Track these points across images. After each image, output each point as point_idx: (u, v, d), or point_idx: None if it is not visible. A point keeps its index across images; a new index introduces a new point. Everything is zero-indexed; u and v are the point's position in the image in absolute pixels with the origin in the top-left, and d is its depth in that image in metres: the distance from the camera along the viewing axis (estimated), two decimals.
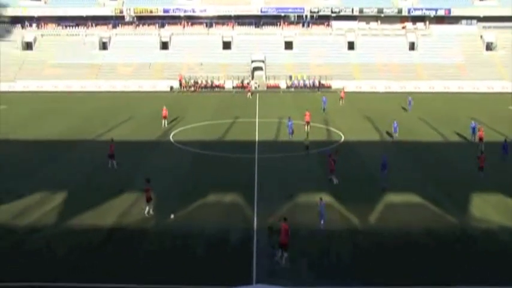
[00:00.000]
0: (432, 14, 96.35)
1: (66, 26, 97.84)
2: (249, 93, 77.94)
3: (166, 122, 54.76)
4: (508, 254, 24.96)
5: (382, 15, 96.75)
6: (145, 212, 29.61)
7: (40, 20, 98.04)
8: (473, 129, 48.27)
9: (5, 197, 32.33)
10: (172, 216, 29.45)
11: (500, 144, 42.33)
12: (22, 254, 24.89)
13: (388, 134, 50.14)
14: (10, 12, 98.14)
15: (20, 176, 37.07)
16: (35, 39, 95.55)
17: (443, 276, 22.72)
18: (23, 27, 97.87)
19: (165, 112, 55.32)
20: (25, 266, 23.63)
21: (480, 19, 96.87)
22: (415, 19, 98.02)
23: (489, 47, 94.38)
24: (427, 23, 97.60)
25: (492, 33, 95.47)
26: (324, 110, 63.00)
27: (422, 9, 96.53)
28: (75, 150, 44.82)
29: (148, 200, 29.67)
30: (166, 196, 32.21)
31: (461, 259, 24.43)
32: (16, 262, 24.05)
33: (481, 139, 45.13)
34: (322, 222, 27.76)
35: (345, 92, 72.66)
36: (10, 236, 26.98)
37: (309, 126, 51.09)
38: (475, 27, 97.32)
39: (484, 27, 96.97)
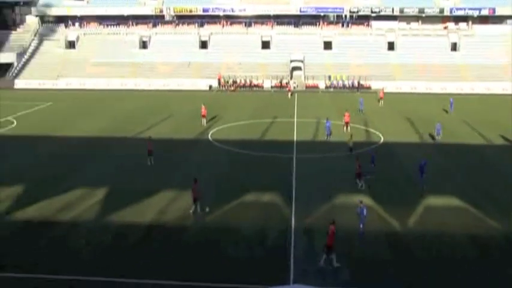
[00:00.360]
0: (475, 13, 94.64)
1: (107, 25, 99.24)
2: (289, 93, 77.70)
3: (205, 121, 55.13)
4: None
5: (423, 15, 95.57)
6: (191, 210, 29.69)
7: (82, 19, 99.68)
8: None
9: (50, 191, 32.93)
10: (207, 209, 29.76)
11: None
12: (63, 248, 25.34)
13: (431, 136, 49.34)
14: (54, 12, 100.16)
15: (64, 171, 37.76)
16: (77, 38, 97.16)
17: (483, 285, 22.35)
18: (66, 26, 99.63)
19: (204, 111, 55.67)
20: (66, 259, 24.05)
21: None
22: (458, 19, 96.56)
23: None
24: (470, 23, 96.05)
25: None
26: (361, 110, 62.46)
27: (465, 9, 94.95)
28: (116, 147, 45.41)
29: (195, 199, 29.76)
30: (204, 194, 32.29)
31: (503, 267, 23.98)
32: (57, 255, 24.50)
33: None
34: (361, 225, 27.47)
35: (384, 93, 71.74)
36: (53, 230, 27.47)
37: (348, 127, 50.76)
38: None
39: None
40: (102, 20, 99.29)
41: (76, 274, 22.64)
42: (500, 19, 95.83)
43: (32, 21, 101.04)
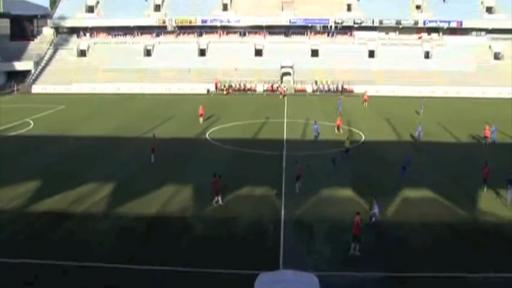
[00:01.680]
0: (445, 25, 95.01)
1: (115, 35, 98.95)
2: (281, 95, 78.40)
3: (202, 119, 55.64)
4: None
5: (400, 26, 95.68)
6: (214, 201, 29.63)
7: (93, 30, 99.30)
8: (494, 132, 47.40)
9: (64, 187, 32.72)
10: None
11: None
12: (75, 238, 25.22)
13: (412, 136, 48.98)
14: (68, 23, 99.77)
15: (76, 168, 37.53)
16: (88, 47, 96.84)
17: (458, 265, 22.43)
18: (78, 36, 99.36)
19: (201, 110, 56.22)
20: (77, 249, 23.92)
21: (489, 31, 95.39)
22: (430, 30, 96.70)
23: (497, 56, 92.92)
24: (441, 34, 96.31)
25: (500, 44, 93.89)
26: (339, 111, 62.17)
27: (436, 21, 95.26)
28: (123, 146, 45.19)
29: (217, 192, 29.71)
30: (204, 189, 32.16)
31: (474, 249, 24.09)
32: (70, 244, 24.40)
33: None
34: (373, 219, 27.18)
35: (368, 96, 72.21)
36: (67, 221, 27.32)
37: (341, 130, 50.64)
38: (485, 39, 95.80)
39: (492, 38, 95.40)
40: (111, 30, 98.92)
41: (87, 261, 22.57)
42: (466, 31, 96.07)
43: (48, 32, 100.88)
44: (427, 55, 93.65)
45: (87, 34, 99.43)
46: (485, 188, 32.09)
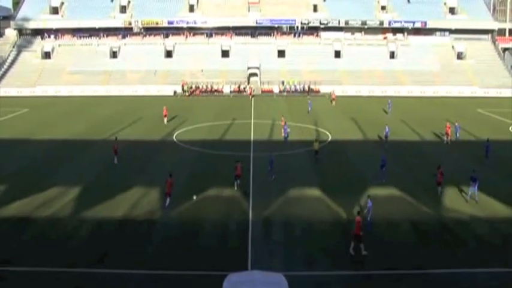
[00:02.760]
0: (410, 26, 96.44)
1: (80, 37, 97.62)
2: (250, 96, 78.96)
3: (166, 120, 56.27)
4: (478, 240, 25.07)
5: (366, 26, 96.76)
6: (167, 204, 29.56)
7: (58, 32, 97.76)
8: (457, 129, 48.36)
9: (29, 191, 32.19)
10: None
11: (477, 144, 42.45)
12: (42, 242, 24.81)
13: (380, 137, 48.93)
14: (32, 25, 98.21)
15: (41, 172, 36.98)
16: (53, 49, 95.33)
17: (421, 261, 22.79)
18: (42, 38, 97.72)
19: (165, 111, 56.75)
20: (45, 253, 23.56)
21: (452, 31, 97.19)
22: (395, 30, 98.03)
23: (460, 56, 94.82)
24: (406, 34, 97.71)
25: (462, 44, 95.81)
26: (309, 112, 63.06)
27: (401, 22, 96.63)
28: (90, 149, 44.68)
29: (169, 194, 29.66)
30: (171, 191, 32.11)
31: (437, 246, 24.51)
32: (37, 249, 24.00)
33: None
34: (368, 218, 26.92)
35: (335, 95, 73.67)
36: (32, 226, 26.87)
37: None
38: (448, 39, 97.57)
39: (455, 38, 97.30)
40: (76, 32, 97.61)
41: (55, 266, 22.24)
42: (431, 31, 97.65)
43: (10, 33, 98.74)
44: (392, 55, 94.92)
45: (52, 36, 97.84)
46: (440, 191, 32.02)
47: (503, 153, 42.29)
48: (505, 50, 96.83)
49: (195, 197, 30.45)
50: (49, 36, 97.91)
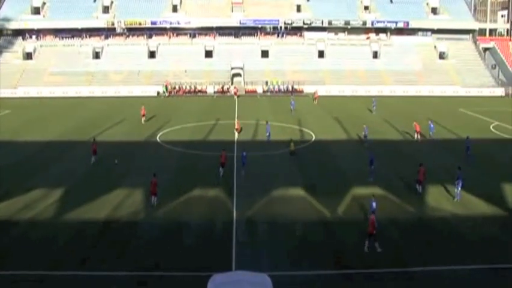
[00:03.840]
0: (393, 26, 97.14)
1: (62, 38, 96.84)
2: (236, 96, 79.15)
3: (144, 119, 57.01)
4: (459, 238, 25.33)
5: (349, 26, 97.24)
6: (153, 203, 29.68)
7: (39, 32, 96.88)
8: (431, 128, 48.98)
9: (11, 192, 31.95)
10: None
11: (459, 142, 42.88)
12: (24, 245, 24.58)
13: (359, 137, 49.17)
14: (13, 25, 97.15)
15: (24, 173, 36.65)
16: (34, 50, 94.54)
17: (403, 259, 22.96)
18: (23, 39, 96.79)
19: (143, 111, 57.42)
20: (27, 256, 23.35)
21: (434, 31, 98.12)
22: (378, 30, 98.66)
23: (442, 56, 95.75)
24: (389, 34, 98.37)
25: (444, 43, 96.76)
26: (292, 111, 63.41)
27: (384, 22, 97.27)
28: (72, 150, 44.30)
29: (155, 193, 29.77)
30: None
31: (420, 243, 24.72)
32: (19, 252, 23.75)
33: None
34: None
35: (318, 95, 74.63)
36: (14, 228, 26.64)
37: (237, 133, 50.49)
38: (430, 38, 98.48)
39: (437, 38, 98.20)
40: (58, 32, 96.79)
41: (37, 269, 22.07)
42: (413, 31, 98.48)
43: None
44: (375, 55, 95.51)
45: (33, 36, 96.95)
46: (420, 189, 32.32)
47: (485, 151, 42.75)
48: (485, 49, 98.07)
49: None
50: (30, 37, 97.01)
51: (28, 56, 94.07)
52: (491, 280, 21.48)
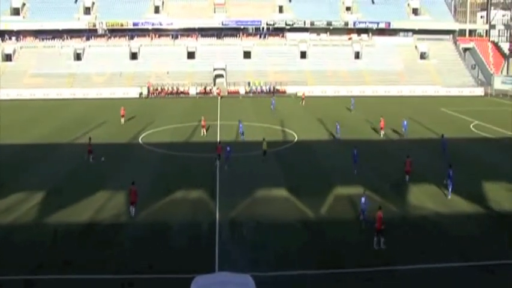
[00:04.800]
0: (374, 26, 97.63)
1: (43, 39, 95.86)
2: (219, 97, 79.42)
3: (124, 120, 57.15)
4: (442, 235, 25.61)
5: (331, 27, 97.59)
6: (132, 214, 28.33)
7: (19, 34, 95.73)
8: (404, 126, 50.24)
9: None
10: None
11: (438, 141, 43.35)
12: (6, 248, 24.36)
13: (332, 134, 50.48)
14: None
15: (5, 177, 36.17)
16: (14, 51, 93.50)
17: (387, 258, 23.13)
18: (3, 40, 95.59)
19: (122, 111, 57.61)
20: (8, 259, 23.14)
21: (415, 32, 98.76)
22: (360, 31, 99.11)
23: (423, 56, 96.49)
24: (370, 34, 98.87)
25: (425, 44, 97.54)
26: (272, 110, 64.17)
27: (366, 23, 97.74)
28: (54, 153, 43.90)
29: (134, 202, 28.41)
30: (138, 194, 31.90)
31: (402, 242, 24.92)
32: (1, 256, 23.54)
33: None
34: (363, 213, 27.30)
35: (305, 95, 75.10)
36: None
37: (204, 130, 51.40)
38: (411, 39, 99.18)
39: (418, 39, 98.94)
40: (38, 34, 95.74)
41: (20, 273, 21.87)
42: (394, 32, 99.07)
43: None
44: (357, 55, 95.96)
45: (13, 38, 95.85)
46: (408, 179, 33.62)
47: (465, 150, 43.22)
48: (465, 50, 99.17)
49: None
50: (10, 38, 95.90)
51: (7, 57, 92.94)
52: (476, 277, 21.74)
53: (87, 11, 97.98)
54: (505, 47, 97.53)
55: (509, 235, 25.92)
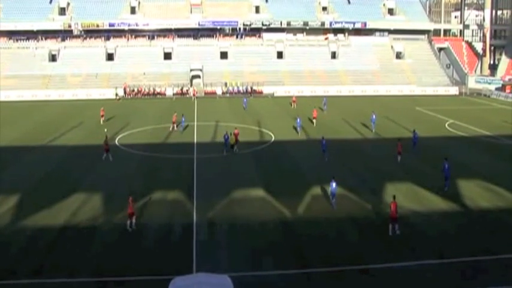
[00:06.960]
0: (350, 26, 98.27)
1: (17, 40, 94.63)
2: (194, 97, 79.38)
3: (102, 120, 57.73)
4: (419, 235, 25.85)
5: (307, 27, 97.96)
6: (128, 227, 26.78)
7: None
8: (372, 120, 52.08)
9: None
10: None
11: (411, 139, 43.87)
12: None
13: (294, 128, 51.92)
14: None
15: None
16: None
17: (362, 257, 23.28)
18: None
19: (102, 112, 58.65)
20: None
21: (391, 31, 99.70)
22: (336, 31, 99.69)
23: (398, 56, 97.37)
24: (347, 34, 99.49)
25: (401, 44, 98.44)
26: (245, 109, 65.42)
27: (342, 23, 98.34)
28: (28, 155, 43.27)
29: (132, 214, 26.99)
30: (114, 196, 31.69)
31: (378, 241, 25.11)
32: None
33: None
34: (333, 199, 29.51)
35: (296, 97, 73.02)
36: None
37: (174, 125, 53.10)
38: (387, 39, 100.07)
39: (394, 38, 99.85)
40: (12, 34, 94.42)
41: None
42: (371, 31, 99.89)
43: None
44: (333, 55, 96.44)
45: None
46: (399, 159, 38.20)
47: (440, 148, 43.64)
48: (440, 49, 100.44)
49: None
50: None
51: None
52: (448, 274, 21.99)
53: (62, 11, 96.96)
54: (479, 46, 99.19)
55: (483, 232, 26.29)
